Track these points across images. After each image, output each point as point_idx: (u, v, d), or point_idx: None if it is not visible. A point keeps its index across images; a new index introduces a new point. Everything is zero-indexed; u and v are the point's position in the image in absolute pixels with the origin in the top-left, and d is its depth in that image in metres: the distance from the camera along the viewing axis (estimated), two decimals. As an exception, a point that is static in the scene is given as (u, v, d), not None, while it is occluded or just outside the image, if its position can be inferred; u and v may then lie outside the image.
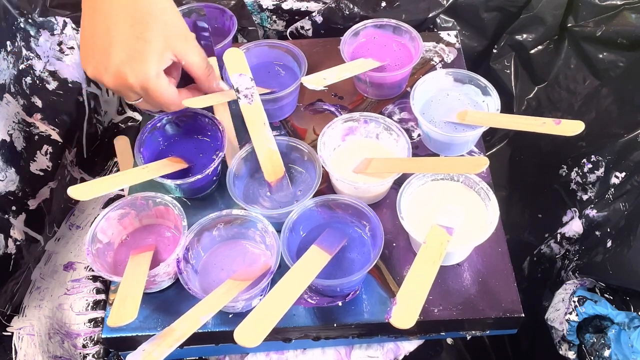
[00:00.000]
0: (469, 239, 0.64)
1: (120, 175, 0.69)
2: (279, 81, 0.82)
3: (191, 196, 0.76)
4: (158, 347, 0.55)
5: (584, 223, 0.78)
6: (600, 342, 0.65)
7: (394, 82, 0.83)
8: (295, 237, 0.68)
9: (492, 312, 0.66)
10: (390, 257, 0.71)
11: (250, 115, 0.72)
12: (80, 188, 0.64)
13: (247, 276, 0.64)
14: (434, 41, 0.91)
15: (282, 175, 0.72)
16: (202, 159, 0.75)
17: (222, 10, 0.88)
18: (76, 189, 0.63)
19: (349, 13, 0.94)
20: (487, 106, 0.77)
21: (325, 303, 0.68)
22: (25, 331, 0.75)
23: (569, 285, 0.72)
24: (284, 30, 1.02)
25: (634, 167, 0.73)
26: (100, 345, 0.77)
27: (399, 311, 0.55)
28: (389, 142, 0.75)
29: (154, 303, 0.68)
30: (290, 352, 0.75)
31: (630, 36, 0.82)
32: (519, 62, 0.97)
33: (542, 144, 0.91)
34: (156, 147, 0.76)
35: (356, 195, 0.71)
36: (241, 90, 0.72)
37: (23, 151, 0.78)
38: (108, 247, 0.69)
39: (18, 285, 0.77)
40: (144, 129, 0.74)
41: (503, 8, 0.94)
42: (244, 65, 0.73)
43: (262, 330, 0.54)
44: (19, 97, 0.79)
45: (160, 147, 0.77)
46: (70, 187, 0.63)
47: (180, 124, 0.77)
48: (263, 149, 0.71)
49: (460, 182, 0.70)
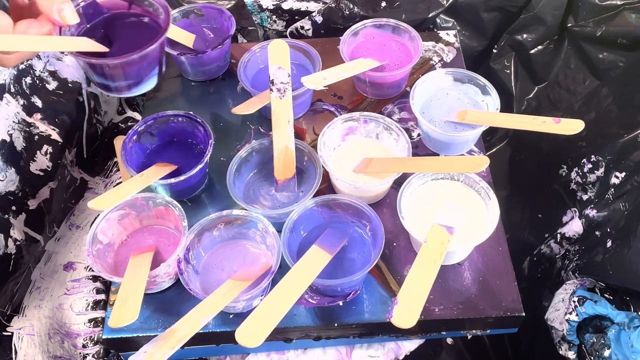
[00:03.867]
0: (470, 239, 0.65)
1: (129, 183, 0.69)
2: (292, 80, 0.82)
3: (185, 196, 0.76)
4: (160, 349, 0.55)
5: (584, 223, 0.78)
6: (600, 342, 0.65)
7: (394, 81, 0.83)
8: (295, 237, 0.68)
9: (492, 311, 0.66)
10: (390, 256, 0.71)
11: (278, 109, 0.72)
12: (100, 200, 0.65)
13: (248, 276, 0.64)
14: (433, 41, 0.91)
15: (291, 175, 0.72)
16: (187, 159, 0.76)
17: (221, 11, 0.88)
18: (96, 201, 0.65)
19: (349, 13, 0.94)
20: (487, 105, 0.77)
21: (326, 303, 0.68)
22: (25, 331, 0.75)
23: (569, 285, 0.72)
24: (284, 30, 1.01)
25: (634, 167, 0.73)
26: (100, 346, 0.77)
27: (400, 311, 0.55)
28: (389, 141, 0.75)
29: (154, 304, 0.68)
30: (291, 352, 0.75)
31: (630, 36, 0.82)
32: (519, 62, 0.97)
33: (542, 143, 0.91)
34: (138, 160, 0.77)
35: (356, 195, 0.71)
36: (276, 83, 0.72)
37: (23, 151, 0.78)
38: (108, 247, 0.69)
39: (18, 285, 0.77)
40: (123, 144, 0.74)
41: (503, 8, 0.94)
42: (285, 58, 0.73)
43: (263, 331, 0.54)
44: (19, 97, 0.79)
45: (141, 160, 0.77)
46: (91, 201, 0.65)
47: (154, 132, 0.77)
48: (281, 145, 0.71)
49: (460, 182, 0.70)
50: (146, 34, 0.58)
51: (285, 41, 0.75)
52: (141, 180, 0.69)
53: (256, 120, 0.84)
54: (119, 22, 0.61)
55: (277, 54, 0.72)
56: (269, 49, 0.73)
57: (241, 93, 0.87)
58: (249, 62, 0.84)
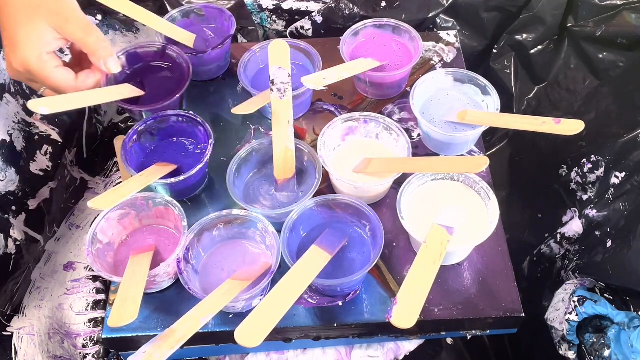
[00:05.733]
0: (469, 239, 0.64)
1: (129, 183, 0.69)
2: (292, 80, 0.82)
3: (185, 196, 0.76)
4: (159, 349, 0.55)
5: (584, 223, 0.78)
6: (600, 342, 0.65)
7: (394, 82, 0.83)
8: (295, 237, 0.68)
9: (492, 312, 0.66)
10: (390, 257, 0.71)
11: (278, 109, 0.72)
12: (100, 199, 0.65)
13: (248, 276, 0.64)
14: (433, 41, 0.91)
15: (291, 176, 0.72)
16: (187, 159, 0.76)
17: (221, 11, 0.88)
18: (96, 201, 0.65)
19: (349, 13, 0.94)
20: (487, 106, 0.77)
21: (325, 303, 0.68)
22: (25, 331, 0.75)
23: (569, 285, 0.72)
24: (284, 30, 1.01)
25: (634, 167, 0.73)
26: (100, 345, 0.77)
27: (399, 311, 0.55)
28: (389, 142, 0.75)
29: (154, 303, 0.68)
30: (291, 352, 0.75)
31: (630, 36, 0.82)
32: (519, 62, 0.97)
33: (542, 143, 0.91)
34: (138, 160, 0.76)
35: (356, 195, 0.71)
36: (276, 83, 0.72)
37: (23, 151, 0.78)
38: (108, 247, 0.69)
39: (18, 285, 0.77)
40: (123, 144, 0.74)
41: (503, 8, 0.94)
42: (286, 59, 0.72)
43: (263, 330, 0.54)
44: (19, 97, 0.79)
45: (141, 160, 0.77)
46: (90, 201, 0.64)
47: (154, 132, 0.77)
48: (280, 146, 0.71)
49: (460, 182, 0.70)
50: (173, 81, 0.80)
51: (285, 41, 0.75)
52: (141, 180, 0.69)
53: (256, 120, 0.84)
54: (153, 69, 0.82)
55: (278, 54, 0.72)
56: (270, 49, 0.73)
57: (241, 93, 0.87)
58: (249, 62, 0.84)
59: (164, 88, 0.79)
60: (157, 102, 0.77)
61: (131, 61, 0.82)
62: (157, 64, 0.83)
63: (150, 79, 0.81)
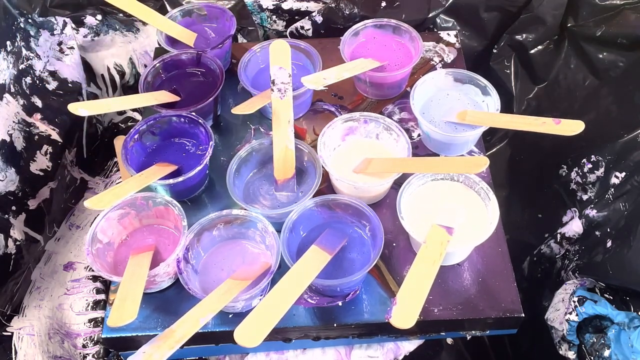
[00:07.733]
0: (469, 239, 0.64)
1: (127, 183, 0.69)
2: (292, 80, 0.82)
3: (185, 197, 0.76)
4: (159, 349, 0.55)
5: (584, 223, 0.78)
6: (600, 342, 0.65)
7: (394, 82, 0.83)
8: (295, 237, 0.68)
9: (492, 312, 0.66)
10: (390, 257, 0.71)
11: (278, 109, 0.72)
12: (97, 199, 0.65)
13: (247, 276, 0.64)
14: (433, 41, 0.91)
15: (291, 176, 0.72)
16: (187, 159, 0.76)
17: (222, 10, 0.88)
18: (92, 200, 0.65)
19: (349, 13, 0.94)
20: (487, 106, 0.77)
21: (325, 303, 0.68)
22: (25, 331, 0.75)
23: (569, 285, 0.72)
24: (284, 30, 1.02)
25: (634, 167, 0.73)
26: (100, 345, 0.77)
27: (399, 311, 0.55)
28: (389, 142, 0.75)
29: (154, 303, 0.68)
30: (290, 352, 0.75)
31: (630, 36, 0.82)
32: (519, 62, 0.97)
33: (542, 143, 0.91)
34: (139, 159, 0.76)
35: (356, 195, 0.71)
36: (277, 83, 0.72)
37: (23, 151, 0.78)
38: (108, 247, 0.69)
39: (18, 285, 0.77)
40: (124, 143, 0.74)
41: (503, 8, 0.94)
42: (286, 59, 0.73)
43: (262, 330, 0.54)
44: (19, 97, 0.79)
45: (142, 159, 0.77)
46: (87, 200, 0.65)
47: (155, 132, 0.77)
48: (280, 146, 0.71)
49: (460, 182, 0.70)
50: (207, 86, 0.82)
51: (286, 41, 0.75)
52: (140, 180, 0.69)
53: (256, 120, 0.84)
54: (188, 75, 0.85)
55: (279, 54, 0.72)
56: (271, 49, 0.73)
57: (241, 93, 0.87)
58: (249, 62, 0.84)
59: (199, 92, 0.81)
60: (192, 105, 0.77)
61: (167, 68, 0.84)
62: (192, 70, 0.85)
63: (185, 85, 0.83)
